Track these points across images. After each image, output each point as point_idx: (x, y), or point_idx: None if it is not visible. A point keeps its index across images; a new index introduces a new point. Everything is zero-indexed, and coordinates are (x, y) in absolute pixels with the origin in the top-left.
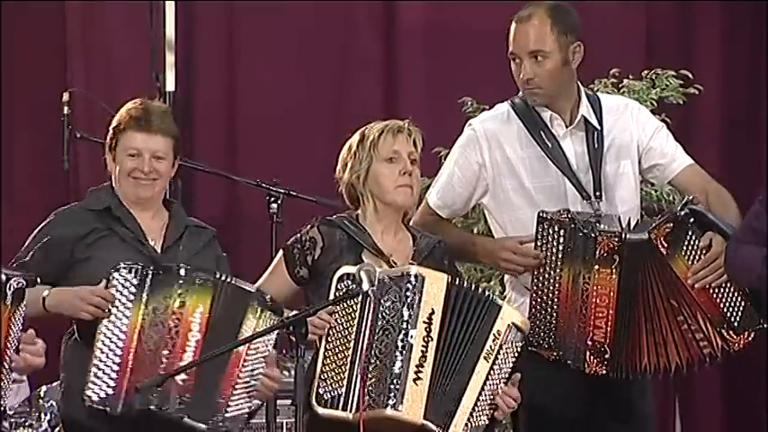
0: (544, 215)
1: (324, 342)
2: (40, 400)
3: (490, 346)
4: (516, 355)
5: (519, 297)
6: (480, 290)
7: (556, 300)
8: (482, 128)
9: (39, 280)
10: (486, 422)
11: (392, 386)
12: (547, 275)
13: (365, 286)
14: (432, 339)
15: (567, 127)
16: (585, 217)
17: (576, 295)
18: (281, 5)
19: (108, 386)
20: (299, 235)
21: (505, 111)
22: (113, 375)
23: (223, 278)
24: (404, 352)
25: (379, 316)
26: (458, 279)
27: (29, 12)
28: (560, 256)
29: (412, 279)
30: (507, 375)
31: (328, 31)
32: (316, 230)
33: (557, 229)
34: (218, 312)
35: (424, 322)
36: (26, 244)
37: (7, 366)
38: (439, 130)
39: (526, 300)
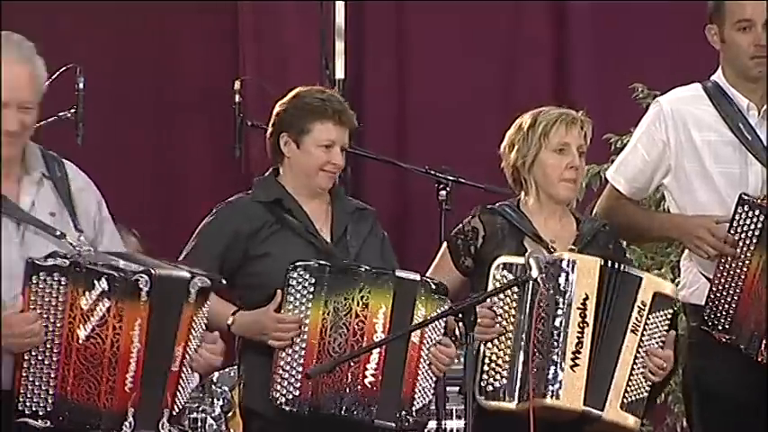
0: (746, 198)
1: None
2: (213, 386)
3: (636, 319)
4: (666, 323)
5: (695, 281)
6: (628, 267)
7: (741, 284)
8: (669, 107)
9: (224, 281)
10: (645, 394)
11: (549, 375)
12: (737, 258)
13: (534, 273)
14: (587, 325)
15: (758, 116)
16: None
17: (762, 283)
18: None
19: (294, 387)
20: (461, 225)
21: (696, 92)
22: (299, 376)
23: (400, 275)
24: (559, 339)
25: (537, 304)
26: (611, 262)
27: (203, 3)
28: (754, 241)
29: (564, 265)
30: (660, 345)
31: (498, 16)
32: (477, 220)
33: (756, 213)
34: (397, 309)
35: (579, 308)
36: (195, 237)
37: (188, 365)
38: (609, 116)
39: (701, 283)
